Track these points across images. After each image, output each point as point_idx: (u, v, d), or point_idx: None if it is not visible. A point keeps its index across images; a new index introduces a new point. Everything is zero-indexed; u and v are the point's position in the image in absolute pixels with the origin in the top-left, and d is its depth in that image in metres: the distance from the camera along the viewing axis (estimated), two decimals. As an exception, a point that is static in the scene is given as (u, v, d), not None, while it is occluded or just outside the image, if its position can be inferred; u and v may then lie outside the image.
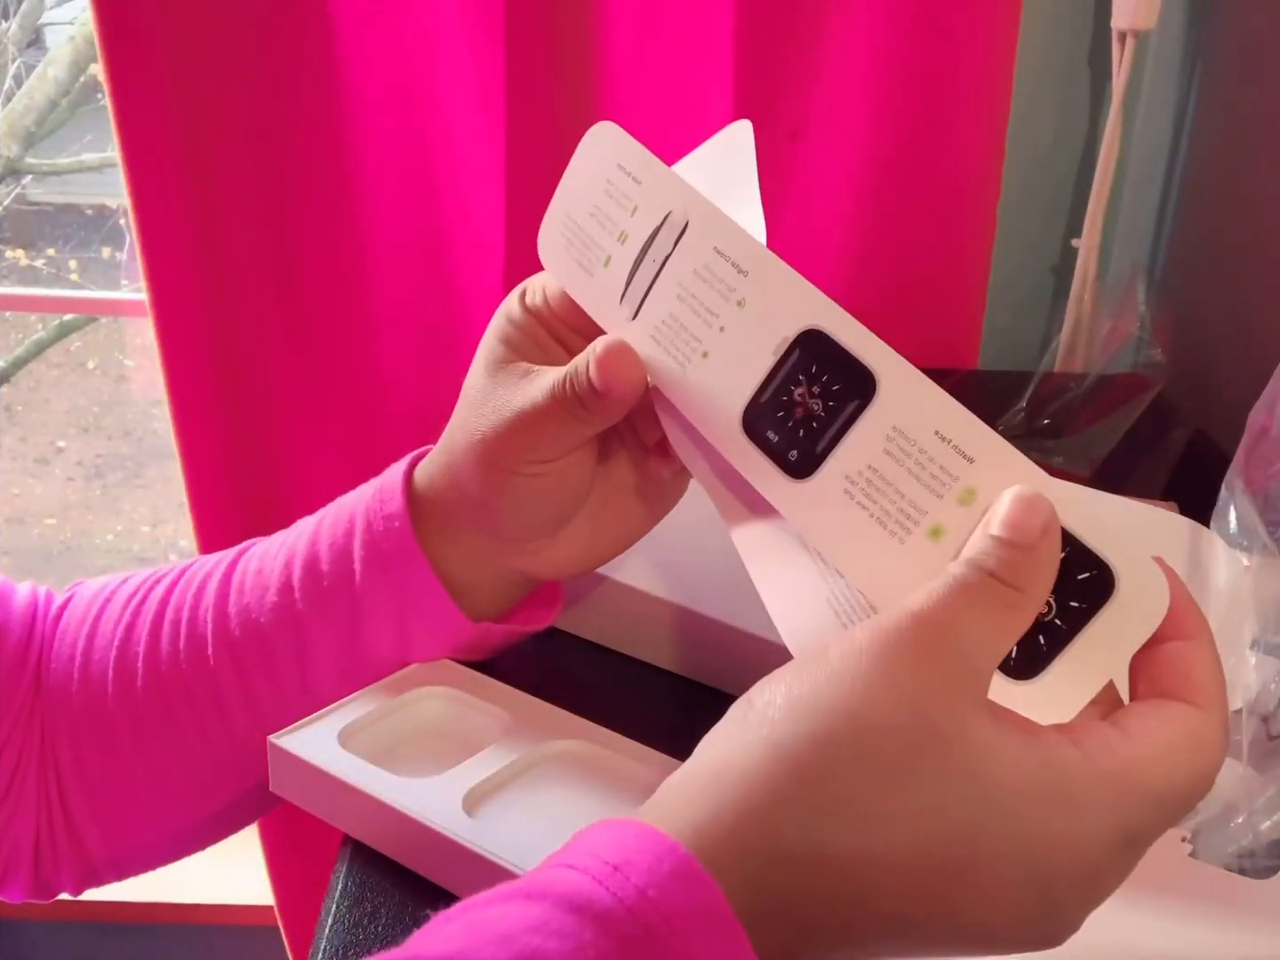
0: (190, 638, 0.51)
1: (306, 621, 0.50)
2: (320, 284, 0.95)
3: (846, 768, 0.28)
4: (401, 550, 0.49)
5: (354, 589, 0.49)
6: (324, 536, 0.51)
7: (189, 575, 0.54)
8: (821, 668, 0.29)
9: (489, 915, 0.27)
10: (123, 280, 1.99)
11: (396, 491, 0.49)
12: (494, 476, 0.46)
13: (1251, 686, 0.45)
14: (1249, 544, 0.47)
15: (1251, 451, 0.49)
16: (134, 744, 0.52)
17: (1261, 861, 0.41)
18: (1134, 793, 0.29)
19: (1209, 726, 0.30)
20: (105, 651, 0.52)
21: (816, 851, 0.28)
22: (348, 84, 0.88)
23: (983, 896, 0.28)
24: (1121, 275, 0.95)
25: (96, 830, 0.53)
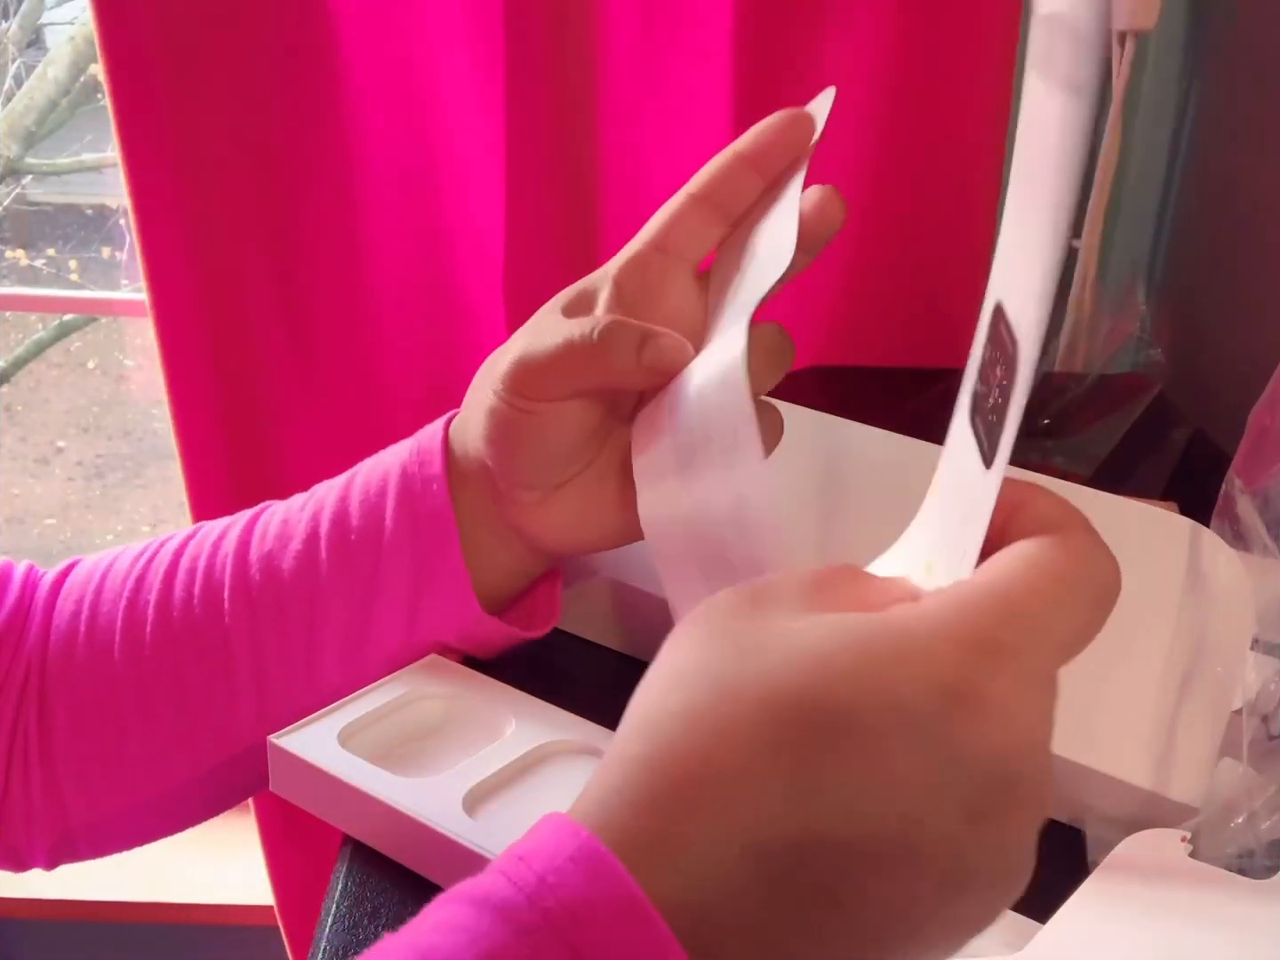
0: (206, 584, 0.50)
1: (327, 575, 0.49)
2: (320, 284, 0.95)
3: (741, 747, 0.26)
4: (434, 515, 0.48)
5: (380, 547, 0.49)
6: (356, 492, 0.50)
7: (204, 531, 0.53)
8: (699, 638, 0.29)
9: (413, 922, 0.27)
10: (123, 280, 1.99)
11: (435, 453, 0.49)
12: (497, 406, 0.46)
13: (1251, 686, 0.45)
14: (1249, 544, 0.47)
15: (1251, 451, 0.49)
16: (136, 701, 0.51)
17: (1261, 861, 0.41)
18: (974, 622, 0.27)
19: (1054, 547, 0.28)
20: (114, 604, 0.52)
21: (740, 833, 0.25)
22: (348, 84, 0.88)
23: (911, 849, 0.25)
24: (1121, 275, 0.95)
25: (80, 793, 0.52)
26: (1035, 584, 0.28)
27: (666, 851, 0.26)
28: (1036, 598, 0.27)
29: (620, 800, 0.27)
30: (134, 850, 0.56)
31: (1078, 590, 0.28)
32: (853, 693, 0.26)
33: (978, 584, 0.28)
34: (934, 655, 0.26)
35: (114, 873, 1.41)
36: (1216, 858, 0.42)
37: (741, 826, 0.26)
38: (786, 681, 0.26)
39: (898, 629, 0.27)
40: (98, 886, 1.40)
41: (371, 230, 0.93)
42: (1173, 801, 0.44)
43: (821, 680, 0.26)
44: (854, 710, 0.26)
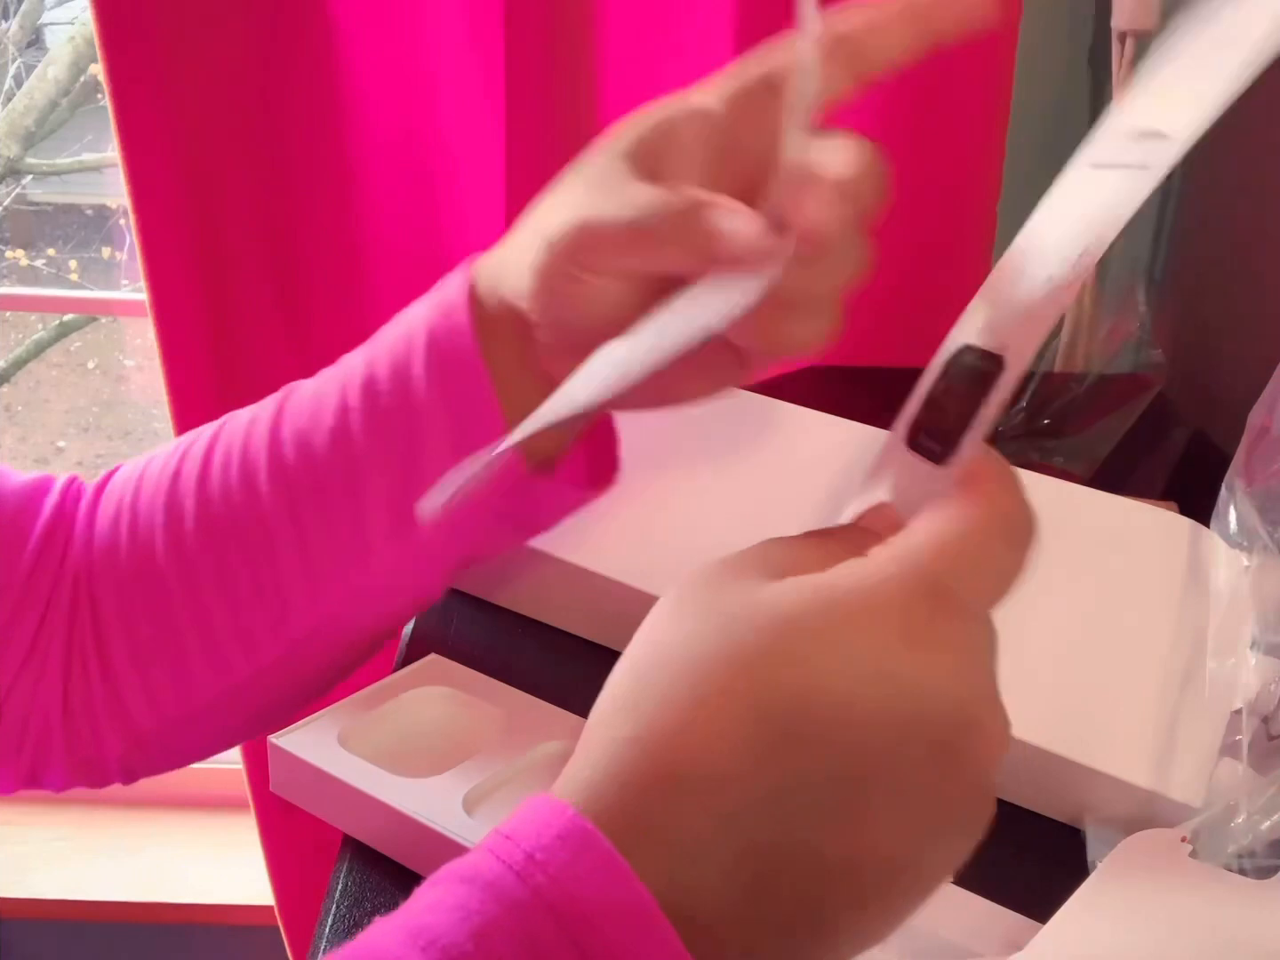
0: (242, 470, 0.49)
1: (362, 445, 0.47)
2: (320, 284, 0.95)
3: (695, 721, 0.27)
4: (465, 369, 0.46)
5: (413, 409, 0.46)
6: (382, 356, 0.48)
7: (235, 417, 0.52)
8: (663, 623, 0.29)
9: (404, 905, 0.27)
10: (123, 280, 1.99)
11: (461, 305, 0.46)
12: (547, 265, 0.41)
13: (1251, 686, 0.45)
14: (1249, 544, 0.47)
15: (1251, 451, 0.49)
16: (185, 596, 0.50)
17: (1261, 861, 0.41)
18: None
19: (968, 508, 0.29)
20: (152, 501, 0.50)
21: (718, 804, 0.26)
22: (348, 84, 0.88)
23: (889, 789, 0.26)
24: (1121, 275, 0.95)
25: (143, 699, 0.51)
26: (965, 532, 0.29)
27: (652, 829, 0.26)
28: (968, 543, 0.29)
29: (607, 780, 0.27)
30: (212, 754, 0.55)
31: (1003, 535, 0.30)
32: (821, 654, 0.27)
33: (915, 536, 0.29)
34: (886, 604, 0.28)
35: (114, 873, 1.41)
36: (1216, 858, 0.42)
37: (722, 802, 0.26)
38: (758, 652, 0.27)
39: (852, 585, 0.28)
40: (98, 886, 1.40)
41: (371, 230, 0.93)
42: (1173, 801, 0.44)
43: (790, 644, 0.27)
44: (822, 671, 0.27)
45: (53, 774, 0.53)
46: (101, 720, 0.52)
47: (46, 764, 0.53)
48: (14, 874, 1.39)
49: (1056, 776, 0.47)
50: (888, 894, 0.27)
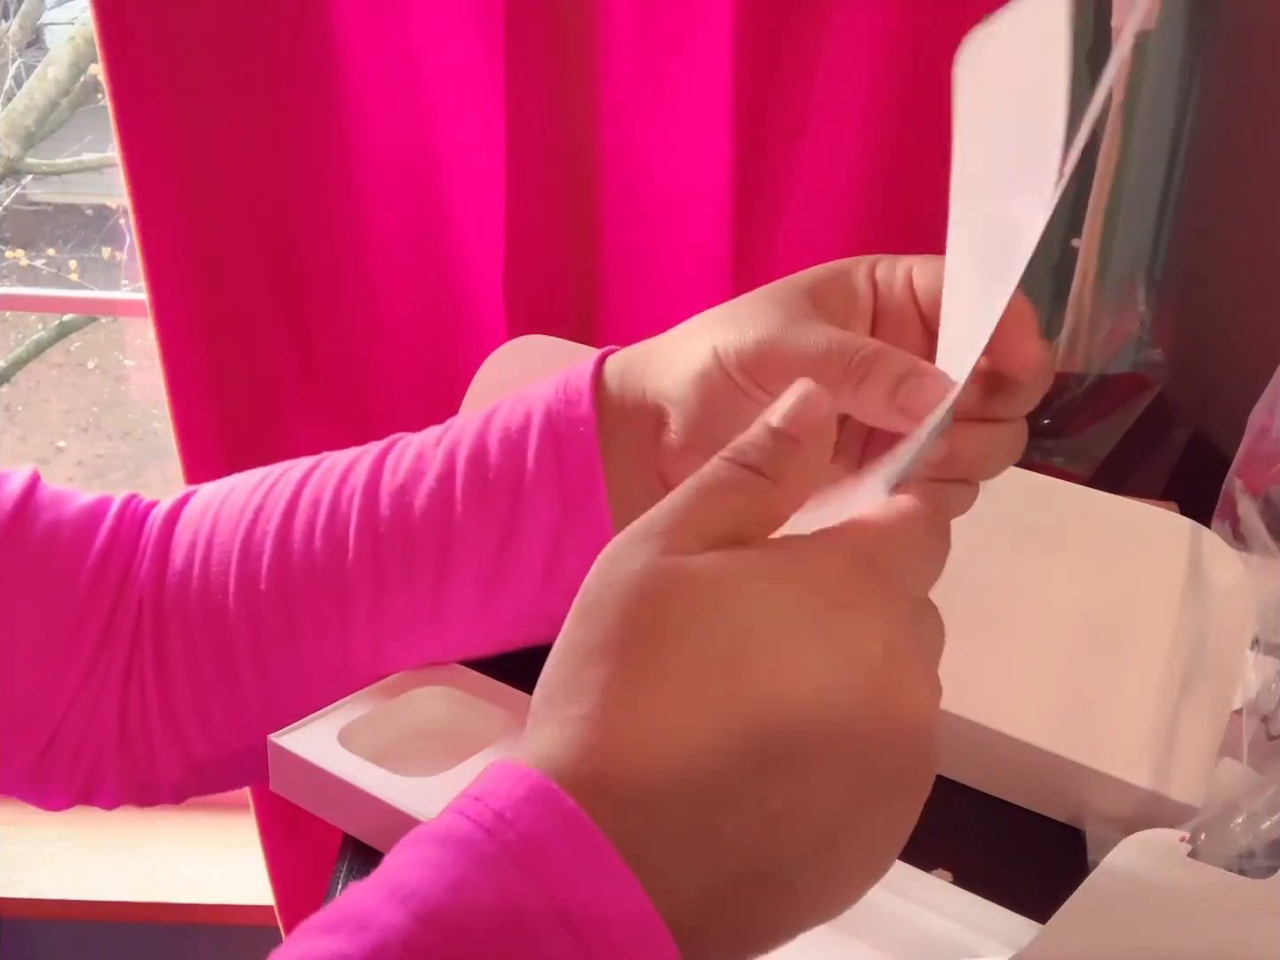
0: (330, 519, 0.49)
1: (461, 515, 0.47)
2: (320, 284, 0.95)
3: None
4: (581, 458, 0.46)
5: (521, 488, 0.47)
6: (495, 429, 0.48)
7: (330, 461, 0.52)
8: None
9: (379, 867, 0.28)
10: (123, 280, 1.99)
11: (584, 392, 0.46)
12: (714, 372, 0.42)
13: (1251, 686, 0.45)
14: (1249, 544, 0.47)
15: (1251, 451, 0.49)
16: (249, 640, 0.50)
17: (1261, 861, 0.41)
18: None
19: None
20: (229, 539, 0.50)
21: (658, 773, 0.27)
22: (348, 84, 0.88)
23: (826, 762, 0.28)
24: (1121, 275, 0.95)
25: (200, 733, 0.52)
26: (889, 517, 0.31)
27: (608, 789, 0.27)
28: (894, 526, 0.31)
29: (565, 752, 0.28)
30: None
31: (926, 524, 0.32)
32: (748, 618, 0.28)
33: (847, 525, 0.31)
34: (813, 572, 0.29)
35: (114, 873, 1.41)
36: (1216, 858, 0.42)
37: (669, 761, 0.27)
38: (689, 621, 0.28)
39: (784, 557, 0.30)
40: (98, 886, 1.40)
41: (371, 230, 0.93)
42: (1173, 801, 0.44)
43: (716, 614, 0.28)
44: (750, 631, 0.28)
45: (105, 793, 0.54)
46: (158, 747, 0.53)
47: (100, 784, 0.53)
48: (14, 874, 1.39)
49: (1056, 776, 0.47)
50: (836, 850, 0.28)
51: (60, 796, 0.54)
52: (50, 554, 0.51)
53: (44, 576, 0.51)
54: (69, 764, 0.52)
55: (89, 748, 0.52)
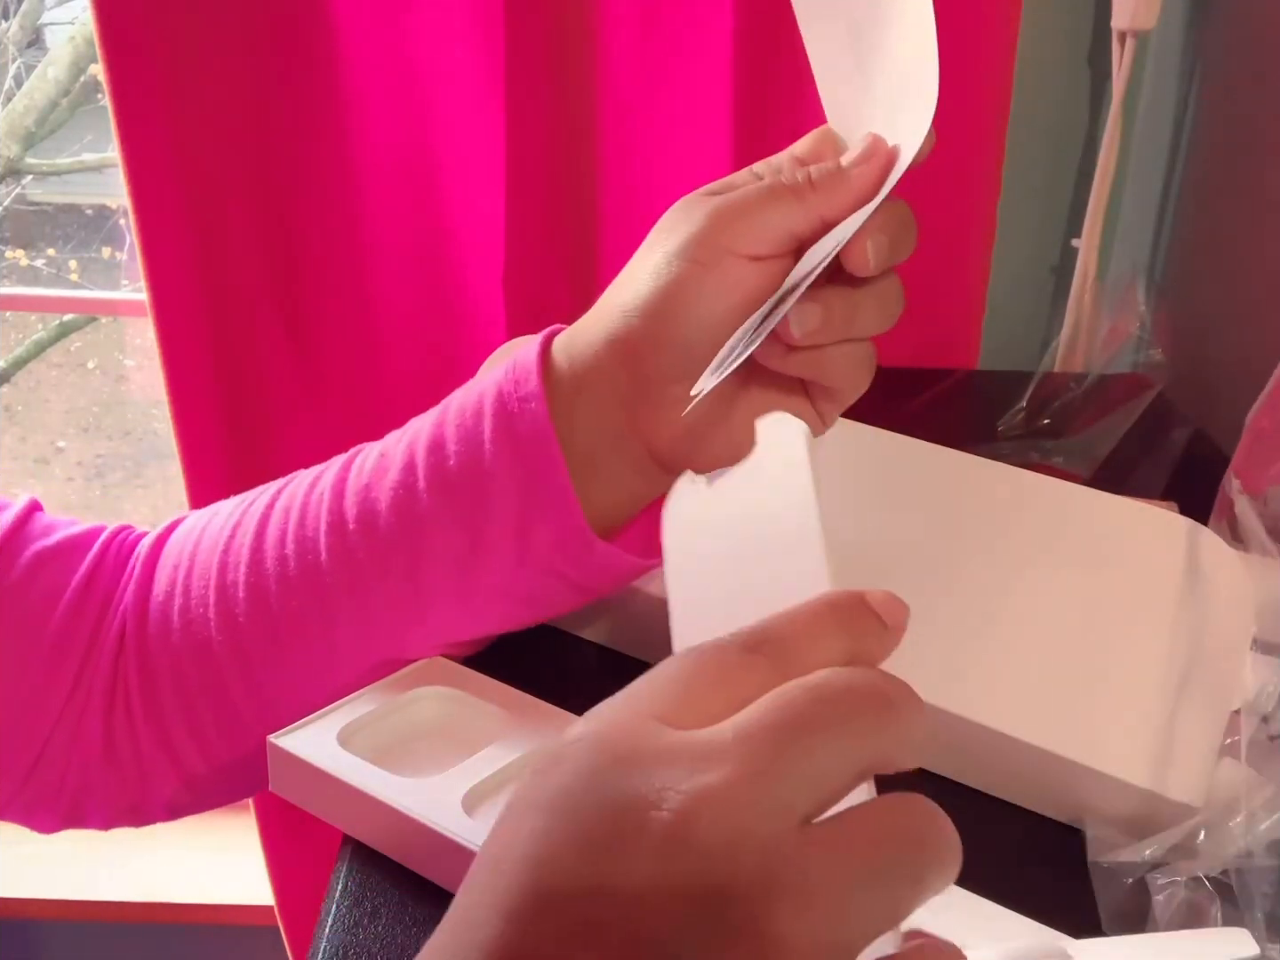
0: (300, 530, 0.50)
1: (427, 506, 0.48)
2: (320, 284, 0.95)
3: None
4: (535, 436, 0.46)
5: (482, 472, 0.47)
6: (451, 417, 0.49)
7: (300, 476, 0.53)
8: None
9: None
10: (123, 280, 1.99)
11: (532, 371, 0.47)
12: (683, 276, 0.44)
13: (1251, 686, 0.45)
14: (1248, 544, 0.47)
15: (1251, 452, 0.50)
16: (236, 668, 0.51)
17: (1261, 861, 0.41)
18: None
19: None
20: (204, 575, 0.51)
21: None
22: (348, 84, 0.88)
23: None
24: (1121, 275, 0.95)
25: (194, 747, 0.52)
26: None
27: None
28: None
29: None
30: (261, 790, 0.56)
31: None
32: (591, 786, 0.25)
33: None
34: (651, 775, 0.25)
35: (114, 873, 1.41)
36: (1216, 858, 0.42)
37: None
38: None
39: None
40: (98, 886, 1.40)
41: (371, 230, 0.93)
42: (1172, 801, 0.44)
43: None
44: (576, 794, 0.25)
45: (94, 815, 0.55)
46: (149, 766, 0.53)
47: (87, 805, 0.54)
48: (14, 874, 1.39)
49: (1056, 776, 0.47)
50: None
51: (48, 819, 0.54)
52: (35, 581, 0.52)
53: (28, 603, 0.51)
54: (55, 787, 0.53)
55: (74, 770, 0.53)
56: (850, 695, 0.26)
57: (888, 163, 0.44)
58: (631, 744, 0.25)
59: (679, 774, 0.24)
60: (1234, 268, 0.87)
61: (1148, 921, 0.41)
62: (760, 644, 0.28)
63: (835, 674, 0.27)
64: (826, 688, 0.26)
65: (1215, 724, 0.45)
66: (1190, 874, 0.42)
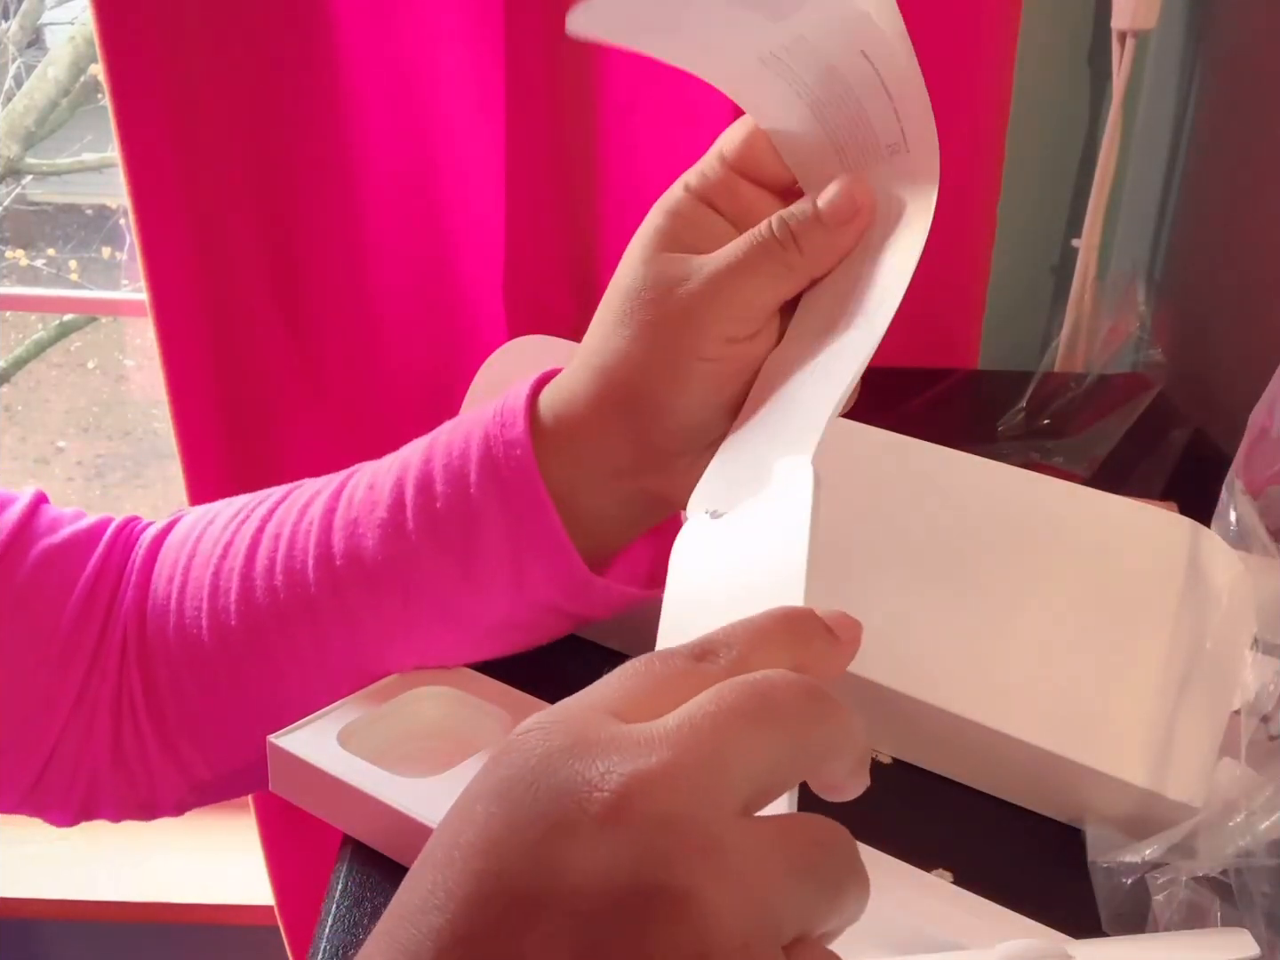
0: (289, 554, 0.49)
1: (416, 543, 0.48)
2: (320, 284, 0.95)
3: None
4: (521, 480, 0.46)
5: (468, 514, 0.47)
6: (439, 456, 0.48)
7: (295, 494, 0.52)
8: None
9: None
10: (123, 280, 1.99)
11: (519, 416, 0.47)
12: (672, 367, 0.43)
13: (1251, 686, 0.45)
14: (1249, 544, 0.47)
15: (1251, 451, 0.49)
16: (229, 675, 0.51)
17: (1261, 861, 0.41)
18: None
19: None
20: (199, 579, 0.51)
21: None
22: (348, 84, 0.88)
23: None
24: (1121, 275, 0.95)
25: (197, 754, 0.53)
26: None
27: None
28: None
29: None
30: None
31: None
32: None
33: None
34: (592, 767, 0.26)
35: (114, 873, 1.41)
36: (1216, 858, 0.42)
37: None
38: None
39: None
40: (98, 886, 1.40)
41: (372, 230, 0.93)
42: (1172, 801, 0.44)
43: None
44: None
45: (106, 811, 0.55)
46: (157, 768, 0.53)
47: (98, 803, 0.54)
48: (14, 874, 1.39)
49: (1056, 776, 0.47)
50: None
51: (61, 816, 0.55)
52: (43, 581, 0.52)
53: (36, 603, 0.51)
54: (65, 786, 0.53)
55: (84, 770, 0.53)
56: (791, 694, 0.27)
57: (870, 213, 0.42)
58: (579, 733, 0.26)
59: (621, 759, 0.25)
60: (1234, 268, 0.87)
61: (1148, 921, 0.41)
62: (706, 652, 0.28)
63: (779, 674, 0.27)
64: (768, 684, 0.27)
65: (1215, 724, 0.45)
66: (1190, 874, 0.42)
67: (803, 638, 0.30)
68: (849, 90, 0.41)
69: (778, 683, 0.27)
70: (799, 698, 0.27)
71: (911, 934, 0.40)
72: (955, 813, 0.49)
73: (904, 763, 0.51)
